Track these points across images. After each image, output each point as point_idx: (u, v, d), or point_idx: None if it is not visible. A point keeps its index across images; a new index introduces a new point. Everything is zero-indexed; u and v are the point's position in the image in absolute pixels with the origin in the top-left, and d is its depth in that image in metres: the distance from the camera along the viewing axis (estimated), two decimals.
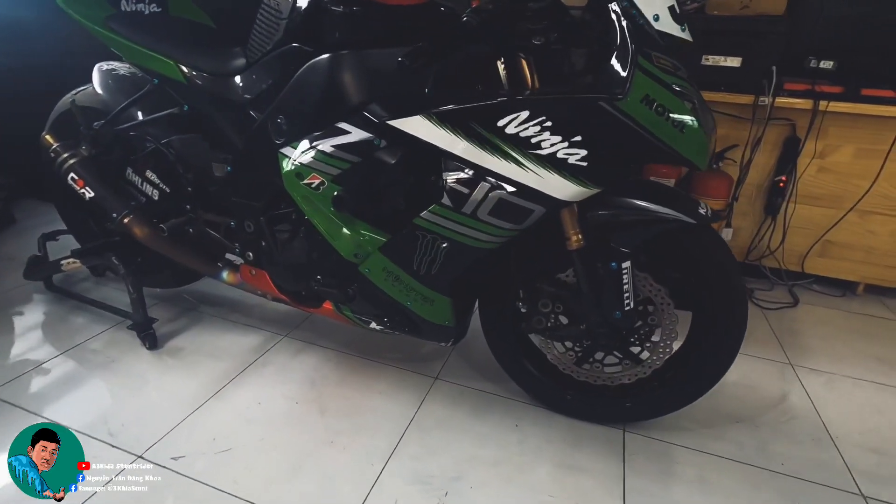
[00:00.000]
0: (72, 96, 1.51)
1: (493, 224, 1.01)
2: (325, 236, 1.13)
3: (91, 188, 1.38)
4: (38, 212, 2.54)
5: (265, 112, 1.17)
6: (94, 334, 1.61)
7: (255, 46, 1.17)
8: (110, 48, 1.33)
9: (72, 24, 1.32)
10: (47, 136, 1.43)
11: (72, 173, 1.38)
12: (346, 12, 1.01)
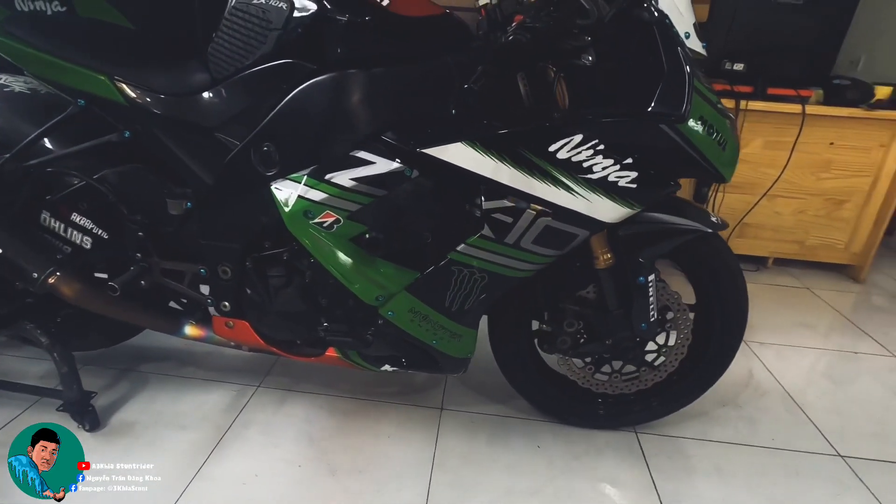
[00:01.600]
0: None
1: (535, 252, 0.95)
2: (341, 280, 0.98)
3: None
4: None
5: (245, 138, 0.99)
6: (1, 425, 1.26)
7: (225, 60, 0.97)
8: (11, 60, 1.02)
9: None
10: None
11: None
12: (358, 24, 0.87)
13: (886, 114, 2.07)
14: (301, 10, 0.87)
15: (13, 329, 1.17)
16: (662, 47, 0.83)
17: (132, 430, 1.27)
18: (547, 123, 0.85)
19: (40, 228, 1.13)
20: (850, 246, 2.37)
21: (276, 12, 0.88)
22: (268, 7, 0.89)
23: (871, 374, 1.71)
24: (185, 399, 1.39)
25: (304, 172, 0.94)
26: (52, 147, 1.09)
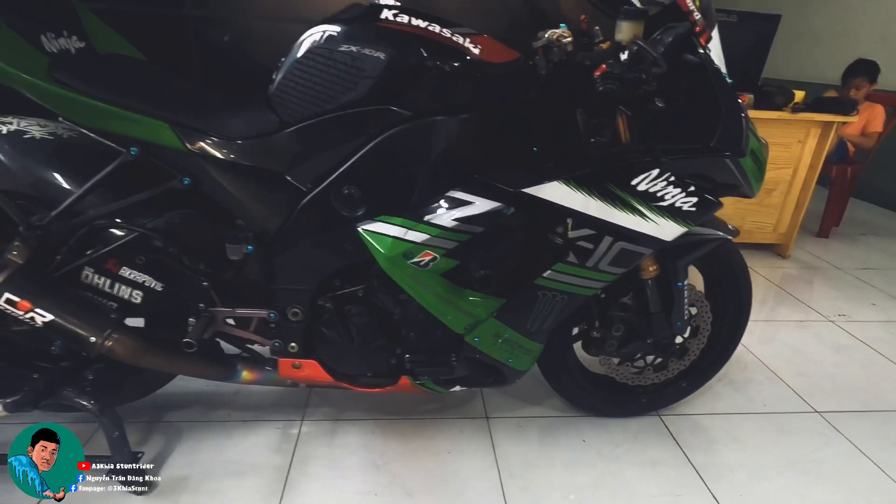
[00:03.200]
0: None
1: (609, 272, 1.06)
2: (434, 313, 1.02)
3: (45, 309, 0.96)
4: None
5: (321, 181, 0.99)
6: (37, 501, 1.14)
7: (300, 104, 0.96)
8: (54, 108, 0.93)
9: None
10: None
11: (7, 295, 0.93)
12: (453, 73, 0.91)
13: (805, 116, 2.44)
14: (399, 59, 0.89)
15: (53, 397, 1.06)
16: (717, 88, 0.96)
17: (188, 486, 1.21)
18: (629, 161, 0.96)
19: (82, 286, 1.04)
20: (777, 227, 2.77)
21: (371, 61, 0.89)
22: (360, 55, 0.90)
23: (816, 337, 2.04)
24: (230, 444, 1.34)
25: (399, 214, 0.96)
26: (97, 199, 1.00)
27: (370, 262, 1.04)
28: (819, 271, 2.71)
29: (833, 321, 2.17)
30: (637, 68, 0.90)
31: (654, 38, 1.03)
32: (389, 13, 0.92)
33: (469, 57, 0.92)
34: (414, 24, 0.91)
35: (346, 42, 0.90)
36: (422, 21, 0.92)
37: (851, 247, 3.08)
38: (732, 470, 1.35)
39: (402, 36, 0.90)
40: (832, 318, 2.19)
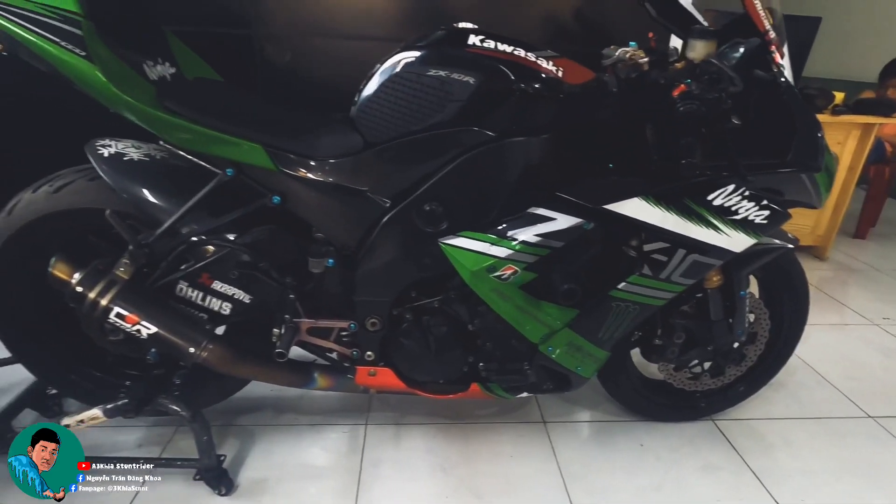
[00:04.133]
0: (47, 194, 1.07)
1: (680, 283, 1.09)
2: (513, 324, 1.07)
3: (149, 322, 1.02)
4: None
5: (402, 197, 1.04)
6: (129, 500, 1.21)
7: (385, 125, 1.01)
8: (157, 132, 0.99)
9: None
10: (57, 270, 0.99)
11: (117, 309, 1.00)
12: (539, 95, 0.94)
13: (846, 118, 2.44)
14: (487, 84, 0.93)
15: (149, 403, 1.13)
16: (791, 104, 0.99)
17: (266, 487, 1.27)
18: (715, 177, 0.98)
19: (176, 299, 1.09)
20: (815, 229, 2.76)
21: (460, 85, 0.94)
22: (449, 80, 0.94)
23: (861, 341, 2.04)
24: (301, 447, 1.39)
25: (482, 230, 1.00)
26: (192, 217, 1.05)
27: (447, 274, 1.09)
28: (858, 273, 2.70)
29: (878, 324, 2.16)
30: (715, 88, 0.93)
31: (723, 52, 1.05)
32: (476, 38, 0.96)
33: (553, 79, 0.96)
34: (501, 48, 0.95)
35: (434, 67, 0.95)
36: (508, 46, 0.96)
37: (889, 248, 3.06)
38: (791, 475, 1.37)
39: (491, 61, 0.94)
40: (877, 322, 2.18)
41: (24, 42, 0.88)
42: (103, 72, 0.89)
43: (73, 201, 1.07)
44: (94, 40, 0.90)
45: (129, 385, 1.27)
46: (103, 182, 1.05)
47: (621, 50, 1.04)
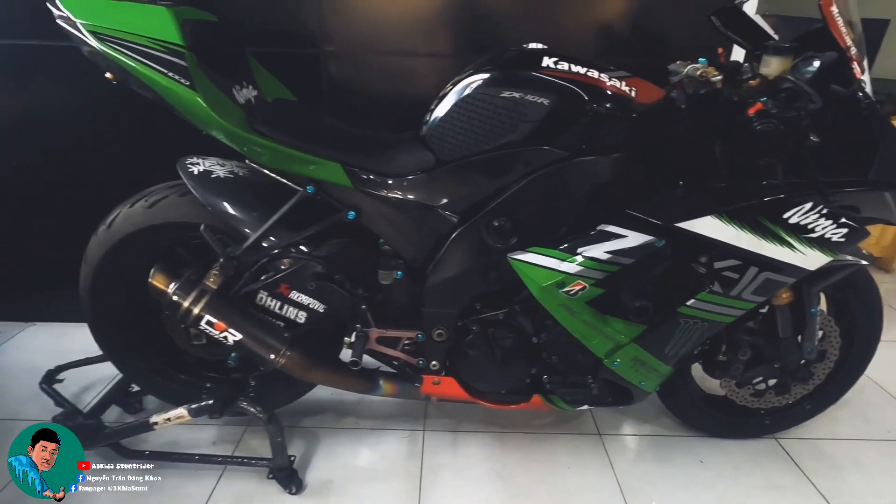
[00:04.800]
0: (143, 208, 1.16)
1: (750, 300, 1.08)
2: (579, 338, 1.08)
3: (236, 329, 1.09)
4: None
5: (471, 213, 1.07)
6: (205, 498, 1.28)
7: (457, 144, 1.04)
8: (247, 153, 1.06)
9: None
10: (156, 280, 1.08)
11: (207, 317, 1.07)
12: (612, 116, 0.96)
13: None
14: (561, 105, 0.96)
15: (230, 405, 1.20)
16: (873, 120, 0.96)
17: (333, 488, 1.32)
18: (792, 195, 0.98)
19: (256, 308, 1.16)
20: (879, 240, 2.63)
21: (534, 107, 0.96)
22: (522, 101, 0.97)
23: None
24: (363, 450, 1.45)
25: (551, 246, 1.03)
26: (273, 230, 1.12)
27: (513, 287, 1.12)
28: None
29: None
30: (793, 105, 0.92)
31: (796, 66, 1.04)
32: (550, 60, 0.98)
33: (625, 99, 0.98)
34: (574, 70, 0.97)
35: (508, 88, 0.98)
36: (581, 67, 0.98)
37: None
38: (863, 497, 1.33)
39: (565, 83, 0.97)
40: None
41: (134, 73, 0.97)
42: (204, 100, 0.97)
43: (166, 215, 1.16)
44: (196, 70, 0.98)
45: (210, 387, 1.36)
46: (193, 198, 1.13)
47: (691, 66, 1.04)
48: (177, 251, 1.24)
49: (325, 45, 1.58)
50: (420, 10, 1.57)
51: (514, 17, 1.59)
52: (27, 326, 1.95)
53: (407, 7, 1.57)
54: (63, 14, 0.99)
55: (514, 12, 1.57)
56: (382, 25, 1.59)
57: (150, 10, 0.98)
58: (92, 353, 1.51)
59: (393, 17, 1.58)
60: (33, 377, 1.58)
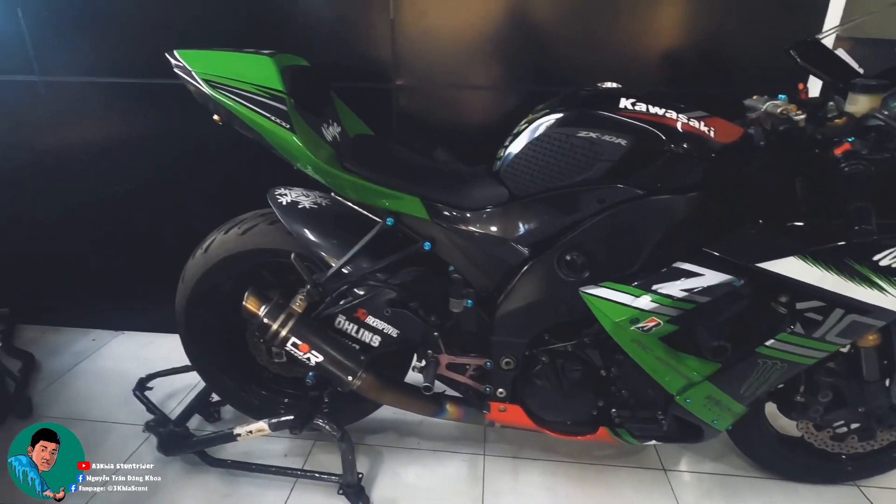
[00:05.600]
0: (237, 235, 1.26)
1: (835, 343, 1.04)
2: (652, 374, 1.08)
3: (318, 351, 1.16)
4: (53, 343, 2.06)
5: (543, 246, 1.10)
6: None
7: (531, 180, 1.08)
8: (334, 187, 1.14)
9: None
10: (249, 304, 1.17)
11: (293, 339, 1.15)
12: (691, 156, 0.97)
13: None
14: (639, 146, 0.98)
15: (307, 422, 1.27)
16: None
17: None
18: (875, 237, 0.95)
19: (334, 330, 1.23)
20: None
21: (611, 147, 0.99)
22: (599, 141, 1.00)
23: None
24: (426, 471, 1.48)
25: (625, 282, 1.04)
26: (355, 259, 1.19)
27: (583, 320, 1.13)
28: None
29: None
30: (884, 146, 0.90)
31: (885, 101, 1.01)
32: (627, 102, 1.01)
33: (704, 140, 0.98)
34: (652, 111, 0.99)
35: (585, 129, 1.01)
36: (659, 108, 1.00)
37: None
38: None
39: (642, 124, 0.99)
40: None
41: (240, 116, 1.07)
42: (301, 140, 1.06)
43: (257, 242, 1.25)
44: (294, 113, 1.07)
45: (287, 402, 1.44)
46: (281, 226, 1.22)
47: (770, 103, 1.03)
48: (261, 273, 1.34)
49: (396, 79, 1.66)
50: (486, 44, 1.63)
51: (581, 48, 1.62)
52: (118, 335, 2.13)
53: (474, 41, 1.64)
54: (180, 64, 1.12)
55: (580, 43, 1.60)
56: (449, 59, 1.66)
57: (255, 59, 1.09)
58: (175, 362, 1.65)
59: (460, 51, 1.65)
60: (124, 383, 1.73)
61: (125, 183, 1.87)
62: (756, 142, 1.05)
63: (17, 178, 1.90)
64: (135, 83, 1.72)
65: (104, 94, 1.76)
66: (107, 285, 2.06)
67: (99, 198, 1.90)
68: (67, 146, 1.84)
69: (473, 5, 1.58)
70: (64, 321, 2.15)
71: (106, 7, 1.64)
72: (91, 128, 1.84)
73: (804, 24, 1.55)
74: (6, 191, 1.93)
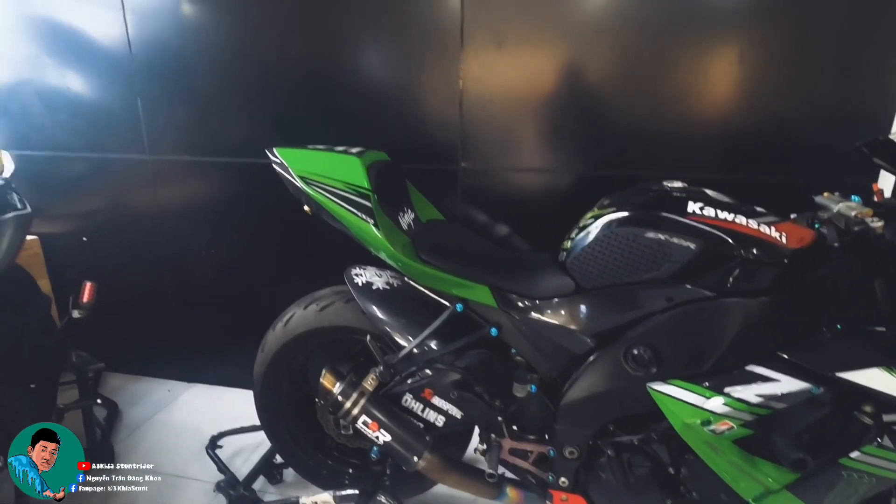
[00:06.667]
0: (315, 312, 1.36)
1: None
2: (725, 478, 1.05)
3: (386, 431, 1.21)
4: (133, 392, 2.22)
5: (614, 339, 1.11)
6: None
7: (599, 274, 1.11)
8: (412, 275, 1.22)
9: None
10: (326, 381, 1.25)
11: (364, 417, 1.22)
12: (761, 262, 0.99)
13: None
14: (708, 251, 1.00)
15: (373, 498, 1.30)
16: None
17: None
18: None
19: (401, 408, 1.28)
20: None
21: (680, 250, 1.02)
22: (668, 243, 1.03)
23: None
24: None
25: (695, 381, 1.03)
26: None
27: (650, 414, 1.12)
28: None
29: None
30: None
31: None
32: (696, 206, 1.04)
33: (776, 246, 0.99)
34: (721, 217, 1.02)
35: (653, 230, 1.04)
36: (728, 213, 1.02)
37: None
38: None
39: (711, 229, 1.01)
40: None
41: (329, 209, 1.19)
42: (384, 236, 1.16)
43: (333, 319, 1.34)
44: (378, 209, 1.17)
45: (352, 473, 1.48)
46: (356, 304, 1.31)
47: (844, 205, 1.03)
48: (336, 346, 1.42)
49: (462, 162, 1.77)
50: (547, 130, 1.71)
51: (640, 134, 1.66)
52: (190, 386, 2.27)
53: (535, 127, 1.73)
54: (278, 160, 1.26)
55: (639, 129, 1.65)
56: (511, 144, 1.75)
57: (345, 159, 1.22)
58: (242, 417, 1.74)
59: (522, 136, 1.74)
60: (196, 437, 1.84)
61: (210, 248, 2.06)
62: (830, 243, 1.05)
63: (118, 239, 2.14)
64: (228, 161, 1.93)
65: (201, 171, 1.98)
66: (183, 339, 2.22)
67: (186, 259, 2.09)
68: (163, 212, 2.06)
69: (535, 94, 1.67)
70: (143, 370, 2.33)
71: (206, 100, 1.88)
72: (186, 198, 2.05)
73: (874, 112, 1.54)
74: (107, 251, 2.16)
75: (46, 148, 2.07)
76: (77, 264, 2.19)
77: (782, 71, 1.50)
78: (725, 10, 1.49)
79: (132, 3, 1.82)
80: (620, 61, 1.58)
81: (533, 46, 1.63)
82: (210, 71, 1.84)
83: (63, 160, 2.08)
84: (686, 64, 1.55)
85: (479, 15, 1.61)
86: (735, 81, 1.56)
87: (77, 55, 1.95)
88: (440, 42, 1.66)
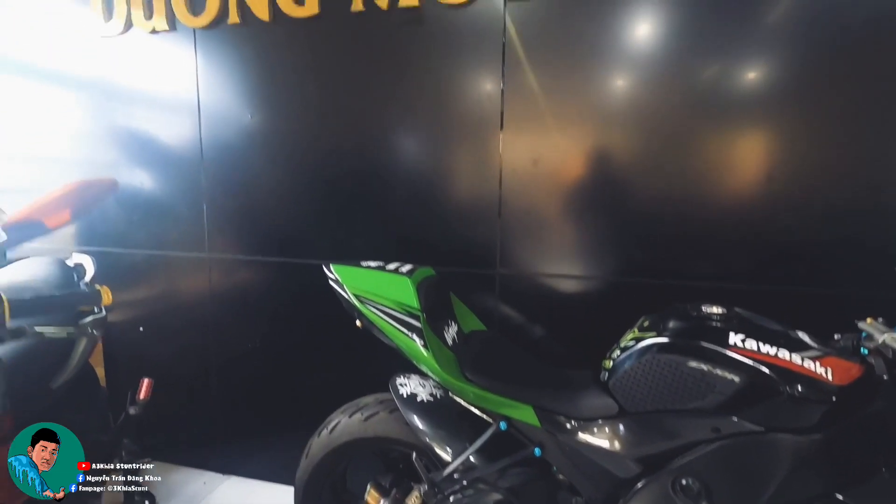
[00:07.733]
0: (360, 421, 1.40)
1: None
2: None
3: None
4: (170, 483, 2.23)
5: (661, 467, 1.10)
6: None
7: (642, 398, 1.13)
8: (459, 396, 1.27)
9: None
10: (370, 497, 1.27)
11: None
12: (808, 400, 1.00)
13: None
14: (751, 385, 1.02)
15: None
16: None
17: None
18: None
19: None
20: None
21: (723, 382, 1.04)
22: (711, 374, 1.05)
23: None
24: None
25: None
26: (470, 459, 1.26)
27: None
28: None
29: None
30: None
31: None
32: (737, 338, 1.06)
33: (822, 383, 1.00)
34: (763, 350, 1.04)
35: (695, 360, 1.07)
36: (770, 347, 1.04)
37: None
38: None
39: (755, 363, 1.03)
40: None
41: (381, 327, 1.26)
42: (430, 355, 1.22)
43: (377, 430, 1.38)
44: (427, 329, 1.24)
45: None
46: (399, 415, 1.34)
47: (889, 336, 1.04)
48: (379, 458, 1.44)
49: (501, 268, 1.85)
50: (582, 237, 1.78)
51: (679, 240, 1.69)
52: (225, 479, 2.28)
53: (571, 236, 1.80)
54: (334, 277, 1.36)
55: (673, 238, 1.69)
56: (547, 251, 1.83)
57: (397, 279, 1.31)
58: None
59: (557, 243, 1.82)
60: None
61: (257, 342, 2.15)
62: (878, 374, 1.05)
63: (172, 330, 2.27)
64: (278, 261, 2.07)
65: (253, 268, 2.12)
66: (224, 430, 2.26)
67: (233, 351, 2.19)
68: (216, 306, 2.19)
69: (570, 202, 1.76)
70: (180, 459, 2.36)
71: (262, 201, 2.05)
72: (237, 295, 2.18)
73: None
74: (161, 341, 2.28)
75: (119, 245, 2.27)
76: (131, 352, 2.31)
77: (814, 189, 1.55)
78: (769, 122, 1.55)
79: (207, 108, 2.05)
80: (656, 170, 1.65)
81: (567, 168, 1.75)
82: (267, 172, 2.02)
83: (130, 256, 2.27)
84: (723, 171, 1.60)
85: (515, 144, 1.76)
86: (770, 196, 1.59)
87: (153, 159, 2.18)
88: (484, 155, 1.79)
